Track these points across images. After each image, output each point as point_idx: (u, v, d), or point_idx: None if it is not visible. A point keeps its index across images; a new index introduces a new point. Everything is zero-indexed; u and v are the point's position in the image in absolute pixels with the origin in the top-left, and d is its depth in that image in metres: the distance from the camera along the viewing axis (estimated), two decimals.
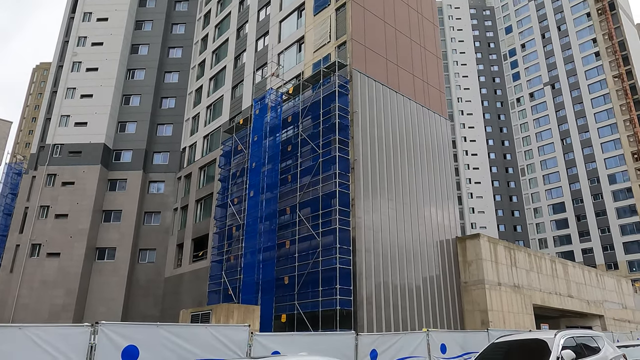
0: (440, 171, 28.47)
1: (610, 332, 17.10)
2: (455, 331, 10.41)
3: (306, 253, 22.82)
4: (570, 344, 7.83)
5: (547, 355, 7.29)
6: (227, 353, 6.38)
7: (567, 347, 7.64)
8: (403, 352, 8.55)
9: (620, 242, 68.53)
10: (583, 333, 8.51)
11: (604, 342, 8.68)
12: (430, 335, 9.22)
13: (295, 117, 26.22)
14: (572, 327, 35.71)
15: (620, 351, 8.86)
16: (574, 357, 7.21)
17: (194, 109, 39.80)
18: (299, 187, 24.35)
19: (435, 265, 25.63)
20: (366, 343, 8.03)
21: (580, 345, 7.97)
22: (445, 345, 9.39)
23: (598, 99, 75.38)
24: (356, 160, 23.25)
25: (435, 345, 9.25)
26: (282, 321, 22.62)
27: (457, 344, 9.66)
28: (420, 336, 9.09)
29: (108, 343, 5.83)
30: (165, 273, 36.23)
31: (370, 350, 7.97)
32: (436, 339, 9.33)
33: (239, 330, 6.76)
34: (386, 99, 26.32)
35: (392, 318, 22.06)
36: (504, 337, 8.46)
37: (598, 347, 8.35)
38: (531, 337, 8.12)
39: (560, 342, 7.60)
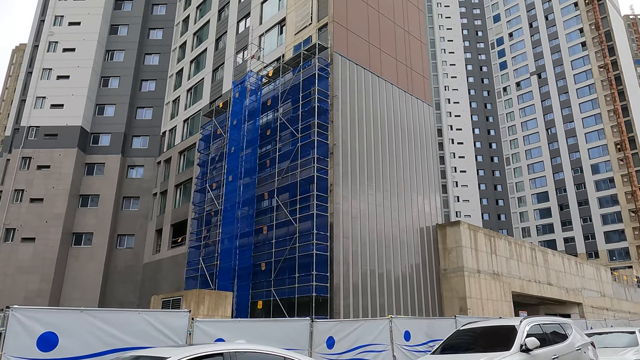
0: (423, 158, 28.18)
1: (583, 320, 17.03)
2: (421, 318, 10.12)
3: (283, 239, 22.45)
4: (536, 332, 7.55)
5: (511, 343, 7.00)
6: (164, 341, 5.90)
7: (533, 335, 7.37)
8: (363, 340, 8.18)
9: (602, 232, 69.37)
10: (550, 320, 8.24)
11: (572, 329, 8.44)
12: (394, 322, 8.86)
13: (274, 100, 25.65)
14: (550, 315, 36.05)
15: (589, 339, 8.63)
16: (538, 345, 6.93)
17: (175, 92, 38.93)
18: (277, 172, 23.89)
19: (415, 253, 25.45)
20: (322, 330, 7.65)
21: (547, 333, 7.71)
22: (410, 332, 9.06)
23: (583, 89, 75.68)
24: (335, 145, 22.81)
25: (399, 332, 8.90)
26: (258, 308, 22.32)
27: (422, 331, 9.33)
28: (382, 323, 8.74)
29: (21, 330, 5.30)
30: (144, 259, 35.65)
31: (326, 337, 7.60)
32: (400, 326, 8.98)
33: (179, 316, 6.28)
34: (368, 84, 25.85)
35: (369, 305, 21.85)
36: (469, 324, 8.18)
37: (565, 335, 8.10)
38: (496, 324, 7.84)
39: (525, 329, 7.32)
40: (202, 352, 4.09)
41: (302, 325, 7.47)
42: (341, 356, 7.63)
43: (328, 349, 7.61)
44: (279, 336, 6.96)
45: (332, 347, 7.63)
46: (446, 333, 8.32)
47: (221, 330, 6.53)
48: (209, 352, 4.16)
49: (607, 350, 10.72)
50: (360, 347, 8.03)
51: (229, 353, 4.22)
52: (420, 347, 8.78)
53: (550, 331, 7.91)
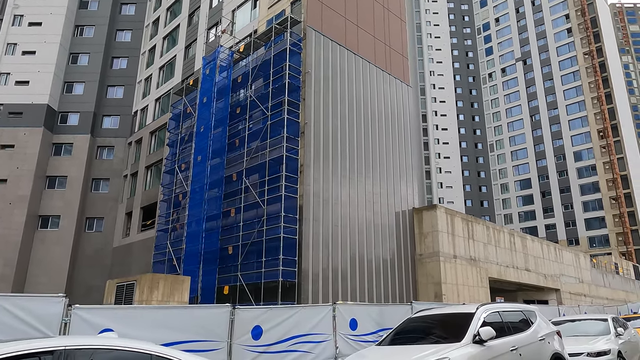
0: (401, 139, 27.27)
1: (556, 307, 16.45)
2: (371, 304, 9.26)
3: (251, 222, 21.46)
4: (495, 320, 6.70)
5: (464, 332, 6.13)
6: (30, 333, 4.90)
7: (490, 323, 6.51)
8: (299, 329, 7.23)
9: (582, 219, 69.62)
10: (512, 307, 7.40)
11: (537, 317, 7.63)
12: (338, 309, 7.93)
13: (245, 77, 24.44)
14: (528, 301, 35.74)
15: (554, 328, 7.83)
16: (494, 335, 6.07)
17: (147, 70, 37.38)
18: (247, 152, 22.79)
19: (390, 237, 24.66)
20: (247, 318, 6.63)
21: (507, 322, 6.86)
22: (357, 320, 8.16)
23: (568, 76, 75.33)
24: (307, 124, 21.76)
25: (344, 320, 8.00)
26: (224, 293, 21.38)
27: (372, 319, 8.44)
28: (323, 310, 7.78)
29: None
30: (113, 243, 34.42)
31: (252, 327, 6.62)
32: (345, 314, 8.05)
33: (49, 303, 5.22)
34: (343, 61, 24.74)
35: (340, 291, 21.04)
36: (422, 312, 7.31)
37: (528, 323, 7.27)
38: (450, 312, 6.98)
39: (480, 318, 6.46)
40: (15, 351, 3.05)
41: (220, 313, 6.44)
42: (269, 348, 6.67)
43: (254, 340, 6.62)
44: (189, 326, 5.96)
45: (259, 337, 6.65)
46: (399, 321, 7.43)
47: (110, 320, 5.41)
48: (28, 349, 3.12)
49: (577, 338, 9.99)
50: (294, 338, 7.07)
51: (61, 350, 3.20)
52: (369, 336, 7.90)
53: (511, 319, 7.07)
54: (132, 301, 15.52)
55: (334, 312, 7.84)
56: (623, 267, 54.10)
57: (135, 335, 5.14)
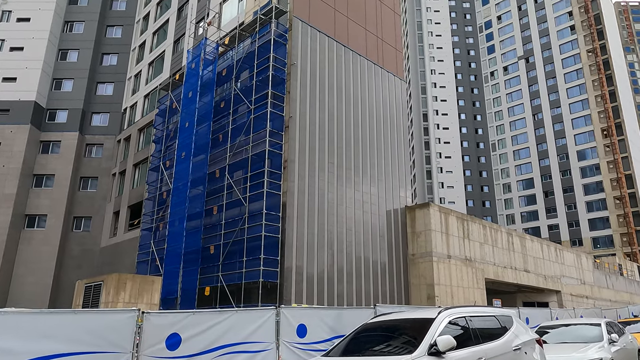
0: (393, 135, 26.29)
1: (548, 310, 15.43)
2: (326, 307, 8.30)
3: (234, 220, 20.55)
4: (460, 326, 5.74)
5: (419, 342, 5.18)
6: None
7: (455, 331, 5.56)
8: (232, 337, 6.20)
9: (586, 219, 68.28)
10: (483, 312, 6.42)
11: (513, 323, 6.65)
12: (284, 312, 6.96)
13: (230, 70, 23.57)
14: (528, 303, 34.62)
15: (534, 336, 6.85)
16: (454, 345, 5.11)
17: (137, 66, 36.59)
18: (229, 148, 21.90)
19: (381, 236, 23.67)
20: (160, 325, 5.61)
21: (475, 328, 5.90)
22: (306, 326, 7.17)
23: (571, 74, 74.04)
24: (292, 118, 20.83)
25: (290, 326, 7.00)
26: (206, 294, 20.48)
27: (326, 325, 7.45)
28: (264, 314, 6.79)
29: None
30: (101, 242, 33.62)
31: (167, 334, 5.66)
32: (292, 319, 7.08)
33: None
34: (332, 53, 23.80)
35: (326, 292, 20.09)
36: (379, 317, 6.36)
37: (502, 330, 6.30)
38: (409, 317, 6.03)
39: (441, 324, 5.50)
40: None
41: (123, 319, 5.44)
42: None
43: (169, 350, 5.64)
44: (79, 335, 5.01)
45: (176, 347, 5.68)
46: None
47: None
48: None
49: (566, 346, 9.00)
50: (224, 347, 6.07)
51: None
52: (321, 344, 6.93)
53: (481, 326, 6.10)
54: (98, 303, 14.67)
55: (277, 317, 6.87)
56: (627, 269, 52.80)
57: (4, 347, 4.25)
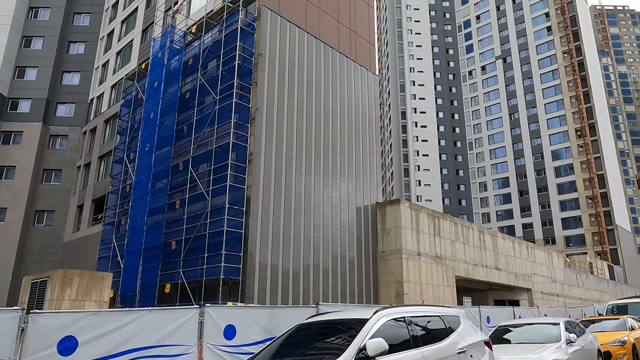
0: (364, 129, 25.82)
1: (510, 308, 15.12)
2: (258, 307, 7.74)
3: (196, 214, 19.81)
4: (397, 328, 5.22)
5: (348, 345, 4.64)
6: None
7: (390, 332, 5.04)
8: (143, 340, 5.54)
9: (559, 218, 69.16)
10: (425, 312, 5.91)
11: (460, 324, 6.17)
12: (208, 312, 6.33)
13: (196, 60, 22.75)
14: (499, 301, 34.66)
15: (482, 337, 6.39)
16: (386, 350, 4.58)
17: (105, 56, 35.36)
18: (194, 140, 21.13)
19: (351, 233, 23.20)
20: (51, 327, 4.87)
21: (416, 330, 5.38)
22: (235, 327, 6.59)
23: (547, 75, 74.84)
24: (258, 110, 20.16)
25: (217, 327, 6.37)
26: (166, 292, 19.71)
27: (259, 326, 6.86)
28: (185, 314, 6.09)
29: None
30: (64, 237, 32.40)
31: (60, 338, 5.02)
32: (219, 319, 6.45)
33: None
34: (302, 44, 23.18)
35: (291, 289, 19.52)
36: (314, 317, 5.81)
37: (447, 332, 5.81)
38: (343, 318, 5.49)
39: (375, 326, 4.96)
40: None
41: (4, 320, 4.75)
42: None
43: (60, 355, 4.98)
44: None
45: (71, 353, 5.01)
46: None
47: None
48: None
49: (523, 346, 8.60)
50: (132, 352, 5.38)
51: None
52: (251, 347, 6.34)
53: (423, 327, 5.59)
54: (44, 300, 13.82)
55: (201, 317, 6.25)
56: (597, 267, 53.64)
57: None
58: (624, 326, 12.88)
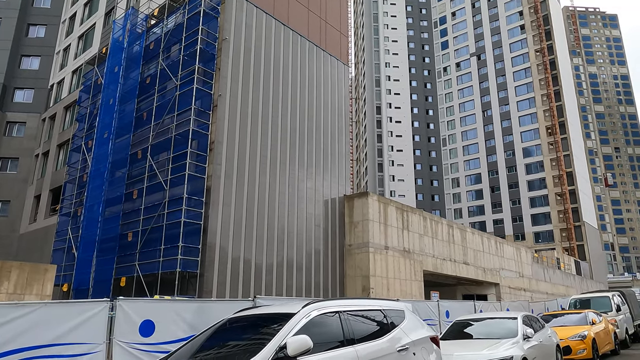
0: (333, 121, 25.27)
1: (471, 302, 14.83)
2: (184, 300, 7.12)
3: (153, 205, 18.95)
4: (330, 324, 4.67)
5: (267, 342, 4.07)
6: None
7: (320, 328, 4.48)
8: (36, 337, 4.48)
9: (529, 214, 70.23)
10: (363, 305, 5.38)
11: (405, 318, 5.67)
12: (120, 306, 5.69)
13: (158, 44, 21.78)
14: (467, 296, 34.74)
15: (428, 333, 5.90)
16: (309, 348, 4.02)
17: (66, 40, 33.86)
18: (153, 127, 20.22)
19: (317, 226, 22.66)
20: None
21: (353, 326, 4.84)
22: (154, 323, 5.96)
23: (519, 72, 75.73)
24: (221, 97, 19.37)
25: (131, 322, 5.73)
26: (121, 285, 18.82)
27: (183, 321, 6.22)
28: (92, 308, 5.30)
29: None
30: (20, 228, 30.96)
31: None
32: (134, 313, 5.78)
33: None
34: (270, 31, 22.44)
35: (252, 283, 18.87)
36: (242, 312, 5.22)
37: (387, 328, 5.29)
38: (272, 312, 4.91)
39: (300, 322, 4.40)
40: None
41: None
42: None
43: None
44: None
45: None
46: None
47: None
48: None
49: (478, 342, 8.20)
50: (17, 352, 4.67)
51: None
52: (173, 345, 5.69)
53: (360, 323, 5.05)
54: None
55: (111, 312, 5.58)
56: (565, 262, 54.57)
57: None
58: (585, 321, 12.72)
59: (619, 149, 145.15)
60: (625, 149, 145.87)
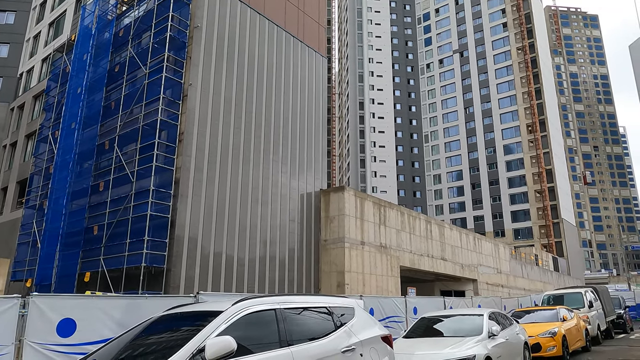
0: (310, 113, 24.80)
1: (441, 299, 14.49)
2: (111, 297, 6.59)
3: (120, 197, 18.27)
4: (265, 321, 4.21)
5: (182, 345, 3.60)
6: None
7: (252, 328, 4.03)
8: None
9: (509, 211, 70.77)
10: (303, 302, 4.90)
11: (354, 316, 5.24)
12: (35, 304, 5.14)
13: (128, 31, 21.02)
14: (445, 292, 34.64)
15: (380, 332, 5.49)
16: (232, 351, 3.56)
17: (36, 27, 32.71)
18: (121, 117, 19.50)
19: (291, 221, 22.19)
20: None
21: (291, 325, 4.39)
22: (75, 321, 5.44)
23: (501, 70, 76.12)
24: (192, 86, 18.74)
25: (48, 322, 5.16)
26: (85, 281, 18.13)
27: (111, 319, 5.68)
28: None
29: None
30: None
31: None
32: (50, 311, 5.21)
33: None
34: (244, 20, 21.82)
35: (223, 278, 18.35)
36: (176, 308, 4.74)
37: (332, 327, 4.85)
38: (201, 310, 4.44)
39: (228, 320, 3.93)
40: None
41: None
42: None
43: None
44: None
45: None
46: None
47: None
48: None
49: (441, 341, 7.84)
50: None
51: None
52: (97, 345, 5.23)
53: (301, 321, 4.60)
54: None
55: (23, 310, 5.05)
56: (543, 259, 55.08)
57: None
58: (556, 317, 12.51)
59: (597, 148, 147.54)
60: (604, 148, 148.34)
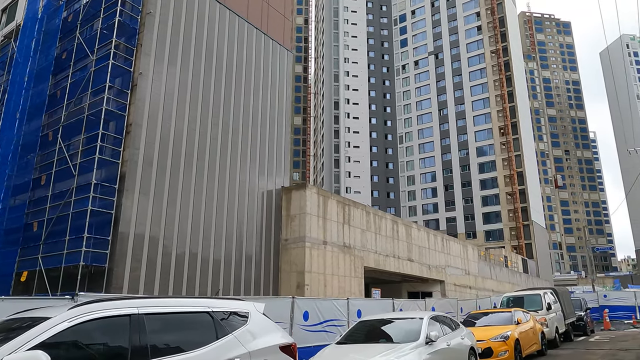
0: (273, 109, 23.97)
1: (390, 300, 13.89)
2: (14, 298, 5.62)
3: (61, 192, 17.12)
4: (112, 331, 3.40)
5: None
6: None
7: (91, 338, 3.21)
8: None
9: (480, 213, 71.19)
10: (177, 306, 4.07)
11: (248, 322, 4.46)
12: None
13: (76, 16, 19.85)
14: (412, 293, 34.25)
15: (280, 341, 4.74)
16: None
17: None
18: (66, 107, 18.34)
19: (250, 219, 21.31)
20: None
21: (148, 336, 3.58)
22: None
23: (475, 73, 76.63)
24: (142, 75, 17.71)
25: None
26: (22, 280, 16.93)
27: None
28: None
29: None
30: None
31: None
32: None
33: None
34: (203, 8, 20.88)
35: (172, 279, 17.37)
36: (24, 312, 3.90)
37: (214, 335, 4.07)
38: (32, 316, 3.61)
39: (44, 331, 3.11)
40: None
41: None
42: None
43: None
44: None
45: None
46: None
47: None
48: None
49: (375, 347, 7.13)
50: None
51: None
52: None
53: (169, 329, 3.80)
54: None
55: None
56: (512, 260, 55.42)
57: None
58: (510, 320, 11.99)
59: (569, 152, 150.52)
60: (575, 152, 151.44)
